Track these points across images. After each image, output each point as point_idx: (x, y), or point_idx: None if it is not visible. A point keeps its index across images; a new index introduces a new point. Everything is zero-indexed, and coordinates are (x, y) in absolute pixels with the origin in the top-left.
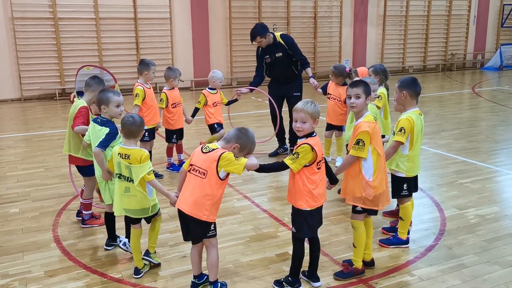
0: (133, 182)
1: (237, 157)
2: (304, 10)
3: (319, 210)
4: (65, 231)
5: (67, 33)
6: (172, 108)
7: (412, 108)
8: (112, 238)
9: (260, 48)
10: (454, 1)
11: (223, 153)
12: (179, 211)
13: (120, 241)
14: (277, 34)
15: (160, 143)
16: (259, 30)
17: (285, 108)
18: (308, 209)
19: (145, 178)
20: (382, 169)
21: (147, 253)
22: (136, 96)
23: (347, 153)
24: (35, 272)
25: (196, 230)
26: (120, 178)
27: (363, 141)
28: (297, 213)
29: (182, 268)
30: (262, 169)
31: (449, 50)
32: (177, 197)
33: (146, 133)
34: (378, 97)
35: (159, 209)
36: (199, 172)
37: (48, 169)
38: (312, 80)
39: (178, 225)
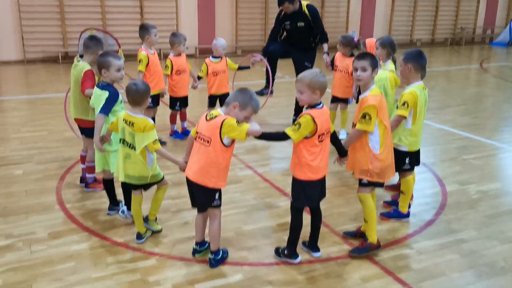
0: (135, 150)
1: (239, 122)
2: None
3: (319, 182)
4: (69, 194)
5: None
6: (176, 75)
7: (416, 82)
8: (114, 203)
9: (283, 13)
10: None
11: (225, 119)
12: (187, 179)
13: (119, 208)
14: (304, 3)
15: (164, 110)
16: None
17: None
18: (306, 180)
19: (151, 148)
20: (389, 142)
21: (146, 219)
22: (139, 62)
23: (352, 127)
24: (39, 233)
25: (201, 197)
26: (123, 144)
27: (370, 115)
28: (295, 183)
29: (183, 235)
30: (262, 136)
31: (458, 24)
32: (186, 162)
33: (150, 100)
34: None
35: (163, 178)
36: (203, 140)
37: (51, 132)
38: (325, 56)
39: (180, 192)
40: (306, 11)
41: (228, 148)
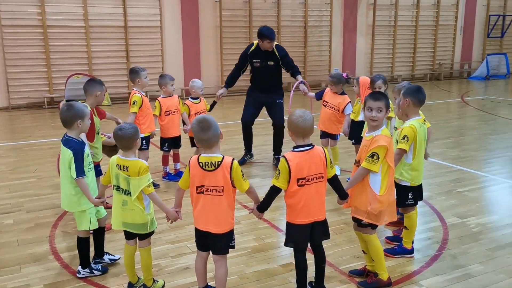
0: (130, 195)
1: (243, 176)
2: (294, 19)
3: (305, 226)
4: (63, 242)
5: (56, 41)
6: (165, 115)
7: (416, 116)
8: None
9: (251, 50)
10: (441, 11)
11: (232, 162)
12: (201, 231)
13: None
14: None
15: (155, 152)
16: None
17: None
18: (289, 221)
19: (145, 191)
20: (391, 182)
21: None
22: (133, 103)
23: (355, 164)
24: (34, 285)
25: (224, 241)
26: (118, 190)
27: (378, 155)
28: (286, 222)
29: (185, 280)
30: (262, 207)
31: (436, 59)
32: (177, 212)
33: (144, 141)
34: None
35: (150, 236)
36: (216, 191)
37: (41, 179)
38: (302, 86)
39: (178, 235)
40: (276, 51)
41: (234, 188)
